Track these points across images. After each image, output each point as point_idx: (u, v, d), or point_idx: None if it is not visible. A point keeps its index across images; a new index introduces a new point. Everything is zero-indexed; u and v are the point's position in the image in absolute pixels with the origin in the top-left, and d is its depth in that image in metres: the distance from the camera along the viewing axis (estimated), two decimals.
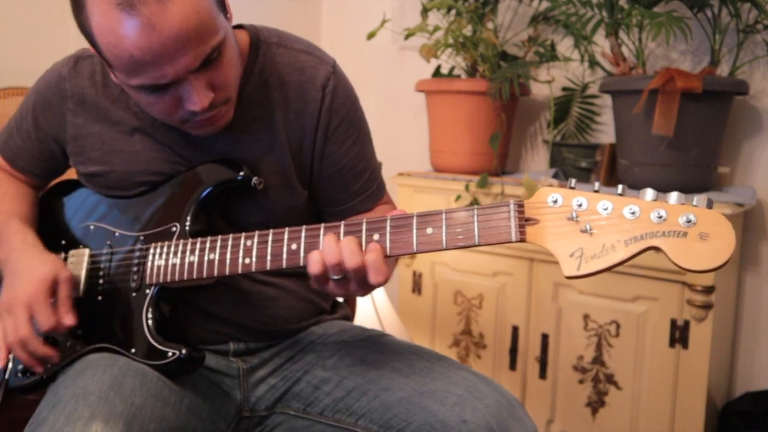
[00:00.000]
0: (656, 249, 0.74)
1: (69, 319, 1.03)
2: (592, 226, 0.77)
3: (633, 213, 0.76)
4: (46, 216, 1.21)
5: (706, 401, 1.75)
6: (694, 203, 0.74)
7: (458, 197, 2.08)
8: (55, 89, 1.13)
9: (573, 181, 0.81)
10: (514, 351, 2.02)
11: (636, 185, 1.84)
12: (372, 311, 2.02)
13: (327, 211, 1.17)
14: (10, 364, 1.11)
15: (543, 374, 1.97)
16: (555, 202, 0.79)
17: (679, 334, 1.76)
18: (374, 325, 1.98)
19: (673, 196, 0.75)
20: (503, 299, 2.04)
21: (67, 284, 1.05)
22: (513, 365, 2.03)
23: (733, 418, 1.86)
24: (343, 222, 0.91)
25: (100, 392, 0.92)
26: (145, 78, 0.92)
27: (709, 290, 1.71)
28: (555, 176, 2.04)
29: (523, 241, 0.80)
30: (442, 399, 0.97)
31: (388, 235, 0.87)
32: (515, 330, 2.01)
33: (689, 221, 0.73)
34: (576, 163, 2.06)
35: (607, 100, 2.16)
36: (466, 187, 2.05)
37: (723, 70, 1.95)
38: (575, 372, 1.92)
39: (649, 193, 0.76)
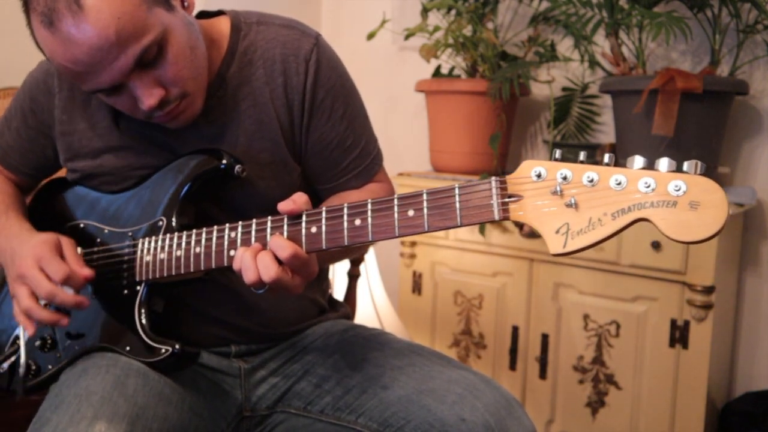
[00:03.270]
0: (645, 221, 0.70)
1: (86, 271, 1.00)
2: (577, 200, 0.72)
3: (619, 184, 0.70)
4: (37, 216, 1.19)
5: (706, 401, 1.75)
6: (685, 169, 0.69)
7: None
8: (42, 86, 1.13)
9: (558, 152, 0.76)
10: (514, 351, 2.02)
11: None
12: (372, 311, 2.02)
13: (318, 189, 1.16)
14: (6, 364, 1.10)
15: (543, 374, 1.97)
16: (539, 175, 0.74)
17: (679, 334, 1.76)
18: (374, 325, 1.98)
19: (664, 162, 0.70)
20: (503, 299, 2.04)
21: (71, 244, 1.03)
22: (513, 365, 2.03)
23: (733, 418, 1.86)
24: (324, 207, 0.89)
25: (104, 392, 0.92)
26: (89, 84, 0.95)
27: (709, 290, 1.71)
28: None
29: (506, 219, 0.76)
30: (441, 398, 0.97)
31: (369, 219, 0.84)
32: (515, 330, 2.01)
33: (678, 189, 0.68)
34: None
35: (607, 100, 2.16)
36: None
37: (723, 70, 1.95)
38: (575, 372, 1.92)
39: (638, 160, 0.71)
